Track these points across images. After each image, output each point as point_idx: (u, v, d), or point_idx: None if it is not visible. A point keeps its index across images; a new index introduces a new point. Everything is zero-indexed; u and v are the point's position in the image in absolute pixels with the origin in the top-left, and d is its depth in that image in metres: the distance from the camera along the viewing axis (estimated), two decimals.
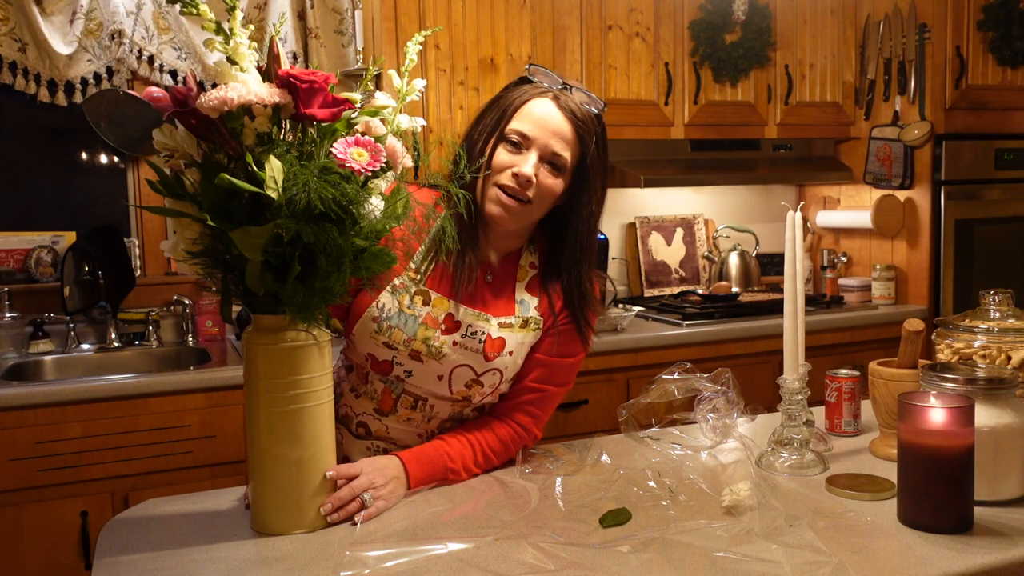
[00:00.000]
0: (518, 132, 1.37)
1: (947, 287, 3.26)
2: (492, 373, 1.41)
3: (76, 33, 2.66)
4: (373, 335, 1.38)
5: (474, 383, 1.41)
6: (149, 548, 1.15)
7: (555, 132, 1.38)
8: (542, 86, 1.41)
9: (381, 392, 1.44)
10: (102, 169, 3.02)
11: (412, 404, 1.43)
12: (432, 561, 1.07)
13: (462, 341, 1.39)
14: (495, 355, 1.40)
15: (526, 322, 1.44)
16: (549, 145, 1.38)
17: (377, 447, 1.47)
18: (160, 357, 2.78)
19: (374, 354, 1.40)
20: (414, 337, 1.38)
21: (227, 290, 1.18)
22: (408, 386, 1.42)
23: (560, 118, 1.39)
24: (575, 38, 2.95)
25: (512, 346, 1.42)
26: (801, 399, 1.38)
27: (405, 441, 1.46)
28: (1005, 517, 1.18)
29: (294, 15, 2.90)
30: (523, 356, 1.44)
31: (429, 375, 1.40)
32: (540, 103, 1.39)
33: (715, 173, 3.31)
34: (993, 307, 1.41)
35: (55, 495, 2.25)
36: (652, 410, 1.56)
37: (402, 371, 1.41)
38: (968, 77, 3.26)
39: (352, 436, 1.49)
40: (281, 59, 1.14)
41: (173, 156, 1.14)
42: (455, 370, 1.40)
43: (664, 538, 1.11)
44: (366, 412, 1.46)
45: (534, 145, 1.37)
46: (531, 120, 1.37)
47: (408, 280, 1.40)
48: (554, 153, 1.38)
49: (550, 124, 1.38)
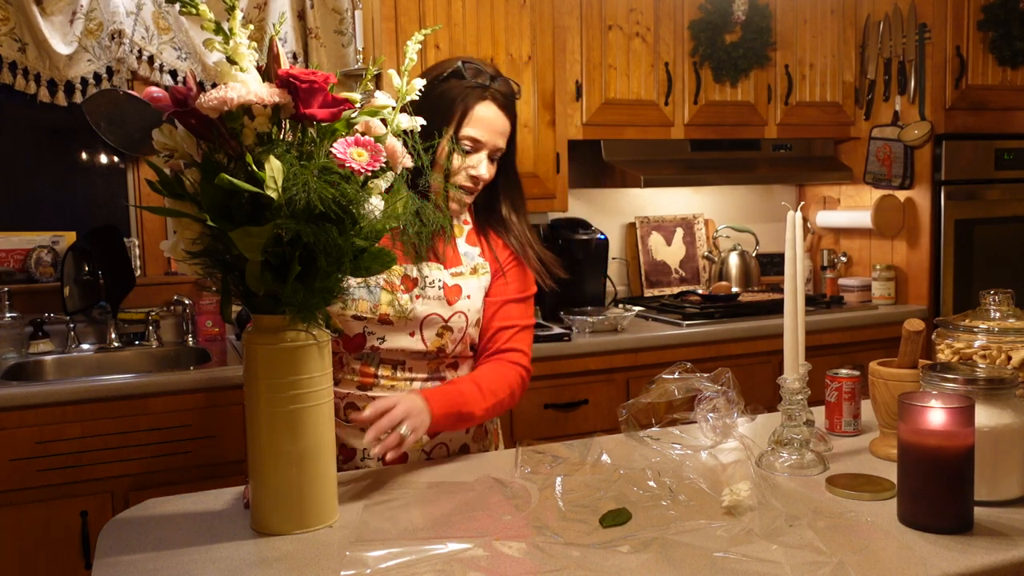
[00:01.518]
0: (470, 139, 1.54)
1: (947, 287, 3.26)
2: (458, 316, 1.55)
3: (76, 33, 2.66)
4: (340, 313, 1.48)
5: (444, 329, 1.54)
6: (149, 548, 1.15)
7: (501, 132, 1.56)
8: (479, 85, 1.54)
9: (359, 369, 1.53)
10: (102, 169, 3.02)
11: (391, 370, 1.53)
12: (432, 561, 1.07)
13: (423, 293, 1.53)
14: (456, 299, 1.55)
15: (475, 269, 1.60)
16: (496, 144, 1.56)
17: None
18: (160, 357, 2.78)
19: (345, 332, 1.50)
20: (379, 302, 1.50)
21: (227, 290, 1.18)
22: (384, 353, 1.52)
23: (502, 116, 1.56)
24: (575, 38, 2.95)
25: (469, 291, 1.57)
26: (801, 399, 1.38)
27: None
28: (1005, 517, 1.18)
29: (294, 15, 2.90)
30: (480, 299, 1.59)
31: (402, 334, 1.52)
32: (485, 108, 1.54)
33: (715, 173, 3.31)
34: (993, 307, 1.40)
35: (55, 495, 2.25)
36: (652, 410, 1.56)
37: (375, 339, 1.51)
38: (968, 77, 3.26)
39: (344, 423, 1.53)
40: (281, 59, 1.14)
41: (173, 156, 1.14)
42: (424, 321, 1.52)
43: (664, 538, 1.11)
44: (351, 393, 1.53)
45: (484, 147, 1.55)
46: (481, 126, 1.54)
47: None
48: (498, 148, 1.57)
49: (496, 126, 1.55)
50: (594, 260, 3.12)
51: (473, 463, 1.52)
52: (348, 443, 1.54)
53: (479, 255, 1.62)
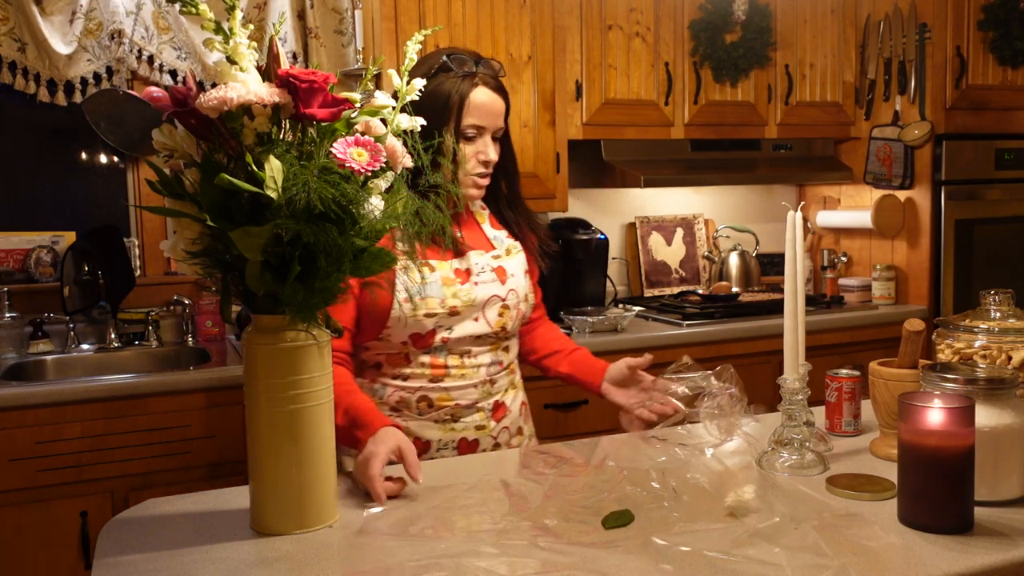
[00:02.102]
0: (473, 126, 1.60)
1: (947, 287, 3.26)
2: (511, 293, 1.66)
3: (76, 33, 2.66)
4: (412, 314, 1.54)
5: (503, 308, 1.64)
6: (149, 548, 1.15)
7: (498, 113, 1.63)
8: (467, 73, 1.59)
9: (429, 362, 1.59)
10: (102, 169, 3.02)
11: (459, 359, 1.61)
12: (433, 561, 1.07)
13: (480, 278, 1.62)
14: (505, 278, 1.66)
15: (508, 250, 1.71)
16: (497, 125, 1.63)
17: (445, 415, 1.60)
18: (160, 357, 2.78)
19: (417, 332, 1.56)
20: (445, 296, 1.57)
21: (227, 290, 1.18)
22: (452, 344, 1.60)
23: (496, 97, 1.62)
24: (575, 38, 2.95)
25: (512, 270, 1.68)
26: (801, 399, 1.38)
27: (466, 397, 1.61)
28: (1005, 517, 1.18)
29: (294, 15, 2.89)
30: (522, 275, 1.70)
31: (467, 321, 1.60)
32: (479, 93, 1.60)
33: (715, 173, 3.31)
34: (993, 307, 1.40)
35: (55, 495, 2.24)
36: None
37: (444, 331, 1.58)
38: (968, 77, 3.26)
39: (417, 416, 1.59)
40: (281, 59, 1.14)
41: (173, 156, 1.14)
42: (486, 303, 1.62)
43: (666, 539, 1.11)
44: (422, 386, 1.59)
45: (487, 131, 1.62)
46: (479, 112, 1.60)
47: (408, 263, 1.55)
48: (499, 128, 1.64)
49: (493, 108, 1.62)
50: (594, 260, 3.12)
51: (476, 462, 1.52)
52: (422, 436, 1.59)
53: (507, 236, 1.73)
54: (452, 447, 1.61)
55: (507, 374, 1.69)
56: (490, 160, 1.62)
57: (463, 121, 1.58)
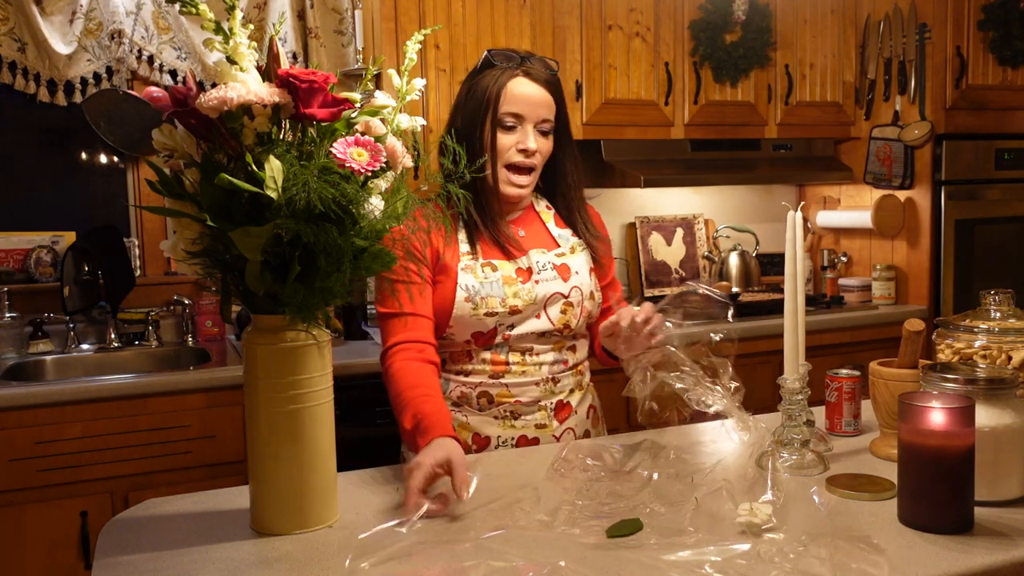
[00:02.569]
0: (511, 114, 1.58)
1: (947, 287, 3.26)
2: (575, 290, 1.63)
3: (76, 33, 2.66)
4: (472, 313, 1.55)
5: (566, 305, 1.62)
6: (149, 548, 1.15)
7: (539, 103, 1.60)
8: (509, 66, 1.60)
9: (490, 359, 1.59)
10: (102, 169, 3.02)
11: (521, 356, 1.60)
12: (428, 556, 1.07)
13: (541, 276, 1.61)
14: (568, 276, 1.64)
15: (572, 248, 1.68)
16: (540, 116, 1.60)
17: (504, 412, 1.60)
18: (160, 357, 2.78)
19: (479, 330, 1.57)
20: (506, 296, 1.57)
21: (227, 290, 1.18)
22: (514, 341, 1.59)
23: (538, 89, 1.60)
24: (575, 38, 2.95)
25: (576, 267, 1.66)
26: (801, 399, 1.38)
27: (527, 395, 1.60)
28: (1006, 517, 1.18)
29: (294, 15, 2.89)
30: (587, 273, 1.67)
31: (529, 318, 1.59)
32: (518, 83, 1.59)
33: (715, 173, 3.31)
34: (994, 307, 1.40)
35: (55, 495, 2.24)
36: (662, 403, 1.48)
37: (505, 329, 1.58)
38: (968, 77, 3.26)
39: (477, 412, 1.59)
40: (281, 59, 1.14)
41: (173, 156, 1.14)
42: (548, 300, 1.60)
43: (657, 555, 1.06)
44: (483, 382, 1.60)
45: (527, 120, 1.59)
46: (517, 101, 1.58)
47: (470, 260, 1.59)
48: (543, 120, 1.61)
49: (533, 98, 1.59)
50: None
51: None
52: (483, 432, 1.60)
53: (571, 235, 1.71)
54: (512, 444, 1.60)
55: (572, 374, 1.66)
56: (529, 148, 1.58)
57: (500, 110, 1.57)
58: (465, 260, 1.59)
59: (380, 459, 1.57)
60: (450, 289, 1.56)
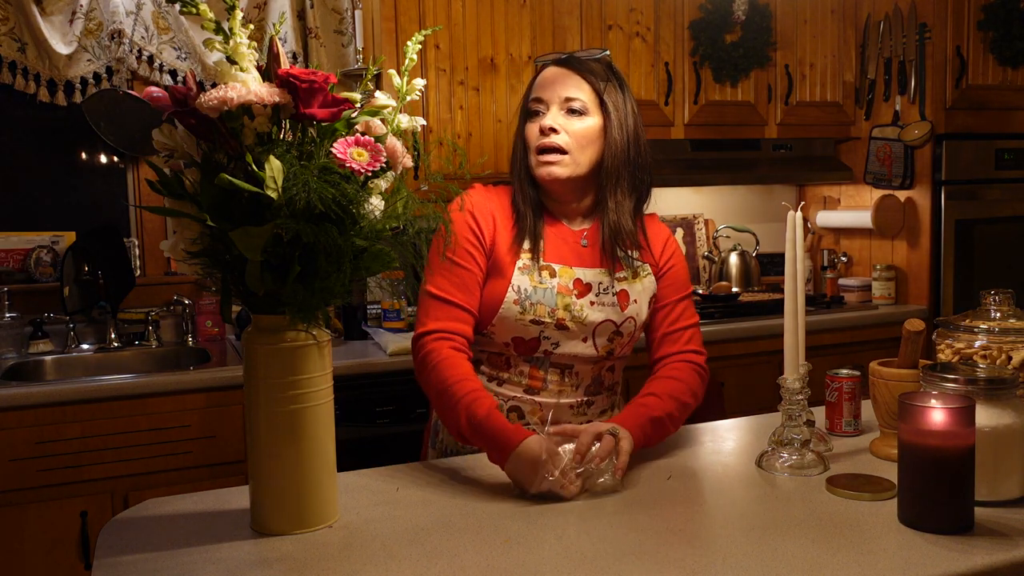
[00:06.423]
0: (534, 99, 1.54)
1: (947, 287, 3.26)
2: (628, 322, 1.55)
3: (76, 33, 2.66)
4: (518, 317, 1.50)
5: (615, 335, 1.54)
6: (149, 548, 1.15)
7: (562, 83, 1.52)
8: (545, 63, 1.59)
9: (528, 372, 1.54)
10: (102, 169, 3.02)
11: (559, 375, 1.54)
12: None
13: (598, 299, 1.53)
14: (627, 305, 1.55)
15: (636, 272, 1.59)
16: (561, 94, 1.52)
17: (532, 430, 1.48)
18: (160, 357, 2.78)
19: (520, 336, 1.51)
20: (556, 307, 1.50)
21: (227, 290, 1.18)
22: (555, 358, 1.53)
23: (563, 71, 1.54)
24: (575, 38, 2.95)
25: (635, 295, 1.57)
26: (801, 399, 1.38)
27: (559, 416, 1.53)
28: (1006, 517, 1.18)
29: (294, 15, 2.89)
30: (647, 303, 1.58)
31: (575, 341, 1.53)
32: (545, 72, 1.56)
33: (715, 173, 3.31)
34: (994, 307, 1.40)
35: (55, 495, 2.24)
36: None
37: (549, 344, 1.52)
38: (968, 77, 3.26)
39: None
40: (281, 59, 1.14)
41: (173, 156, 1.14)
42: (597, 327, 1.53)
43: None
44: (516, 396, 1.55)
45: (551, 103, 1.52)
46: (541, 86, 1.54)
47: (528, 261, 1.53)
48: (567, 98, 1.52)
49: (556, 81, 1.53)
50: None
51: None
52: None
53: (638, 257, 1.59)
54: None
55: (608, 395, 1.62)
56: (547, 125, 1.50)
57: (530, 100, 1.56)
58: (524, 259, 1.53)
59: (380, 459, 1.57)
60: (502, 287, 1.51)
